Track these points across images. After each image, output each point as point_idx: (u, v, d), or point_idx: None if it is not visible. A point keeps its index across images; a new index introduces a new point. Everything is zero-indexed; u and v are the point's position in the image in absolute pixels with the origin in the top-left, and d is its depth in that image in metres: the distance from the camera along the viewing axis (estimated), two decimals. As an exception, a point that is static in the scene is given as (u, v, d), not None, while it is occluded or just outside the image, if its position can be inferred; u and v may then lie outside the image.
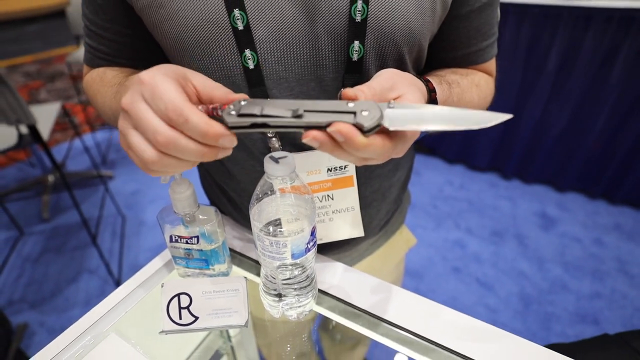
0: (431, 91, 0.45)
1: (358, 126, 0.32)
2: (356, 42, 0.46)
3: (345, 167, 0.55)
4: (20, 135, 1.69)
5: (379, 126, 0.32)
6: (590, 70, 1.93)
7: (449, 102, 0.49)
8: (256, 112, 0.33)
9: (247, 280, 0.55)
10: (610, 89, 1.92)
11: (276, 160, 0.41)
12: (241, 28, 0.45)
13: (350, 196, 0.57)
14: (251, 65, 0.47)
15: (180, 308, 0.53)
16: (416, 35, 0.48)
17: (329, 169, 0.54)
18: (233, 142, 0.34)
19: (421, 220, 2.20)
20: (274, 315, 0.54)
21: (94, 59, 0.58)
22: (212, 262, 0.57)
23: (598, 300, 1.72)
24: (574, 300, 1.72)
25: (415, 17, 0.47)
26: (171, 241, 0.55)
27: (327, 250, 0.66)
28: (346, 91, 0.34)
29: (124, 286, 0.60)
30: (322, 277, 0.61)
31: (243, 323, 0.53)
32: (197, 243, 0.54)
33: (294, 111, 0.32)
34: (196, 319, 0.53)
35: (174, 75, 0.34)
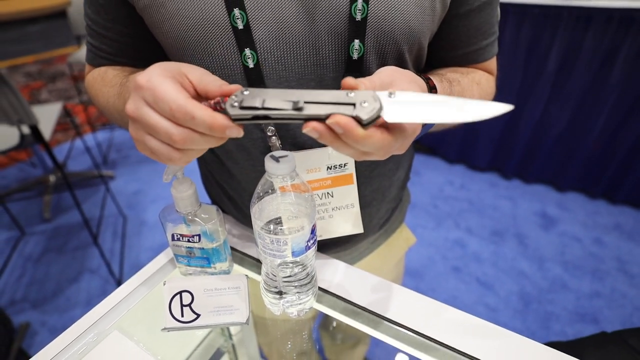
0: (431, 88, 0.46)
1: (357, 119, 0.32)
2: (356, 41, 0.46)
3: (345, 165, 0.55)
4: (22, 136, 1.69)
5: (378, 118, 0.33)
6: (590, 70, 1.93)
7: None
8: (257, 105, 0.33)
9: (248, 278, 0.55)
10: (611, 89, 1.93)
11: (277, 159, 0.42)
12: (241, 27, 0.45)
13: (350, 194, 0.58)
14: (251, 65, 0.47)
15: (182, 306, 0.53)
16: (416, 33, 0.48)
17: (328, 167, 0.55)
18: (240, 132, 0.35)
19: (421, 219, 2.20)
20: (274, 312, 0.55)
21: (95, 58, 0.58)
22: (213, 261, 0.58)
23: (598, 299, 1.72)
24: (574, 300, 1.72)
25: (415, 16, 0.47)
26: (173, 239, 0.56)
27: (327, 249, 0.67)
28: (347, 80, 0.34)
29: (127, 284, 0.60)
30: (322, 275, 0.61)
31: (244, 320, 0.53)
32: (198, 241, 0.55)
33: (295, 103, 0.33)
34: (198, 316, 0.53)
35: (170, 73, 0.35)
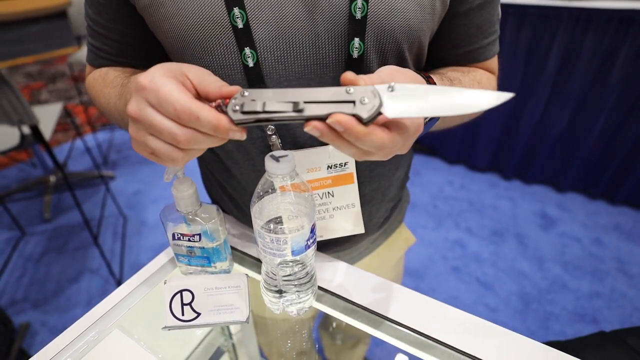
0: None
1: (357, 117, 0.33)
2: (356, 39, 0.47)
3: (346, 165, 0.55)
4: (23, 136, 1.70)
5: (378, 114, 0.33)
6: (590, 70, 1.93)
7: None
8: (258, 109, 0.34)
9: (248, 277, 0.56)
10: (610, 89, 1.93)
11: (277, 158, 0.42)
12: (241, 26, 0.45)
13: (350, 193, 0.58)
14: (251, 64, 0.47)
15: (183, 304, 0.54)
16: (416, 32, 0.49)
17: (329, 167, 0.55)
18: (243, 135, 0.35)
19: (421, 220, 2.21)
20: (274, 311, 0.55)
21: (96, 59, 0.59)
22: (214, 260, 0.58)
23: (597, 299, 1.72)
24: (573, 300, 1.72)
25: (414, 14, 0.47)
26: (174, 239, 0.56)
27: (327, 249, 0.67)
28: (346, 74, 0.34)
29: (127, 283, 0.61)
30: (322, 275, 0.62)
31: (244, 319, 0.53)
32: (199, 241, 0.55)
33: (295, 105, 0.33)
34: (198, 315, 0.53)
35: (171, 74, 0.35)
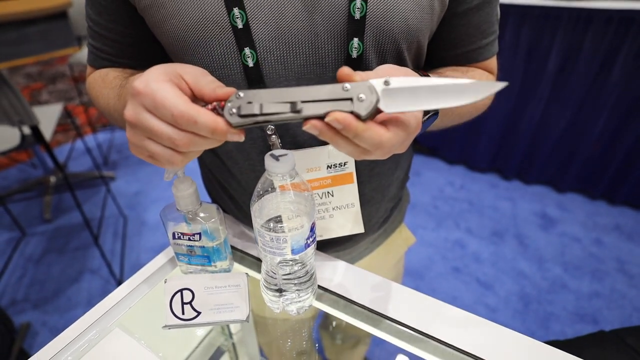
0: None
1: (355, 114, 0.33)
2: (355, 39, 0.47)
3: (345, 164, 0.56)
4: (23, 136, 1.70)
5: (376, 110, 0.33)
6: (590, 71, 1.94)
7: None
8: (256, 112, 0.34)
9: (248, 276, 0.56)
10: (610, 89, 1.93)
11: (276, 157, 0.42)
12: (240, 26, 0.46)
13: (350, 193, 0.58)
14: (250, 64, 0.48)
15: (183, 303, 0.54)
16: (414, 32, 0.49)
17: (328, 166, 0.55)
18: (241, 137, 0.36)
19: (422, 220, 2.21)
20: (274, 310, 0.55)
21: (97, 59, 0.59)
22: (214, 259, 0.58)
23: (597, 299, 1.72)
24: (574, 300, 1.72)
25: (413, 14, 0.47)
26: (174, 238, 0.56)
27: (327, 249, 0.67)
28: (343, 69, 0.34)
29: (128, 283, 0.61)
30: (322, 274, 0.62)
31: (244, 318, 0.53)
32: (199, 240, 0.55)
33: (293, 105, 0.33)
34: (198, 314, 0.54)
35: (166, 76, 0.35)
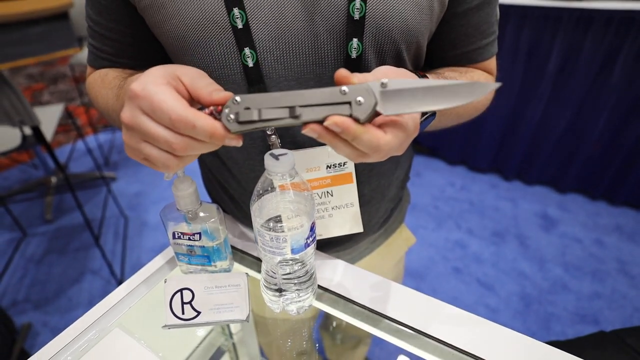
0: None
1: (354, 118, 0.33)
2: (355, 40, 0.47)
3: (345, 164, 0.56)
4: (24, 137, 1.70)
5: (375, 112, 0.34)
6: (590, 71, 1.93)
7: None
8: (255, 118, 0.33)
9: (248, 276, 0.56)
10: (611, 90, 1.93)
11: (276, 157, 0.42)
12: (240, 27, 0.46)
13: (349, 193, 0.58)
14: (250, 64, 0.48)
15: (183, 303, 0.54)
16: (414, 32, 0.49)
17: (328, 166, 0.55)
18: (239, 143, 0.36)
19: (422, 220, 2.21)
20: (274, 310, 0.55)
21: (97, 59, 0.59)
22: (214, 259, 0.58)
23: (598, 300, 1.72)
24: (574, 301, 1.72)
25: (412, 15, 0.47)
26: (174, 238, 0.56)
27: (327, 249, 0.67)
28: (340, 71, 0.34)
29: (128, 282, 0.61)
30: (322, 274, 0.62)
31: (244, 318, 0.54)
32: (199, 240, 0.55)
33: (291, 110, 0.33)
34: (198, 313, 0.54)
35: (164, 79, 0.35)
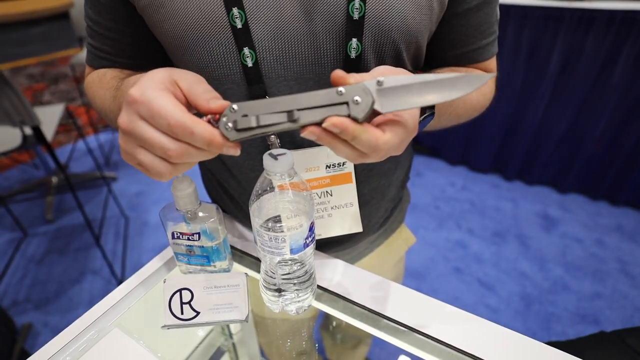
0: None
1: (352, 118, 0.33)
2: (354, 40, 0.47)
3: (344, 164, 0.56)
4: (25, 137, 1.70)
5: (373, 111, 0.34)
6: (591, 71, 1.93)
7: None
8: (253, 125, 0.33)
9: (247, 276, 0.56)
10: (612, 90, 1.93)
11: (275, 157, 0.42)
12: (239, 26, 0.46)
13: (348, 193, 0.58)
14: (249, 63, 0.48)
15: (182, 303, 0.54)
16: (413, 32, 0.49)
17: (327, 166, 0.55)
18: (237, 152, 0.35)
19: (423, 220, 2.21)
20: (273, 310, 0.55)
21: (96, 59, 0.59)
22: (213, 259, 0.58)
23: (599, 300, 1.72)
24: (575, 301, 1.72)
25: (412, 15, 0.47)
26: (173, 238, 0.56)
27: (326, 249, 0.67)
28: (336, 72, 0.34)
29: (127, 283, 0.61)
30: (322, 274, 0.62)
31: (243, 318, 0.53)
32: (198, 240, 0.55)
33: (289, 115, 0.33)
34: (197, 314, 0.54)
35: (162, 85, 0.34)
